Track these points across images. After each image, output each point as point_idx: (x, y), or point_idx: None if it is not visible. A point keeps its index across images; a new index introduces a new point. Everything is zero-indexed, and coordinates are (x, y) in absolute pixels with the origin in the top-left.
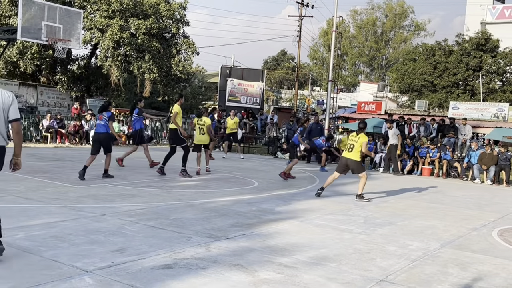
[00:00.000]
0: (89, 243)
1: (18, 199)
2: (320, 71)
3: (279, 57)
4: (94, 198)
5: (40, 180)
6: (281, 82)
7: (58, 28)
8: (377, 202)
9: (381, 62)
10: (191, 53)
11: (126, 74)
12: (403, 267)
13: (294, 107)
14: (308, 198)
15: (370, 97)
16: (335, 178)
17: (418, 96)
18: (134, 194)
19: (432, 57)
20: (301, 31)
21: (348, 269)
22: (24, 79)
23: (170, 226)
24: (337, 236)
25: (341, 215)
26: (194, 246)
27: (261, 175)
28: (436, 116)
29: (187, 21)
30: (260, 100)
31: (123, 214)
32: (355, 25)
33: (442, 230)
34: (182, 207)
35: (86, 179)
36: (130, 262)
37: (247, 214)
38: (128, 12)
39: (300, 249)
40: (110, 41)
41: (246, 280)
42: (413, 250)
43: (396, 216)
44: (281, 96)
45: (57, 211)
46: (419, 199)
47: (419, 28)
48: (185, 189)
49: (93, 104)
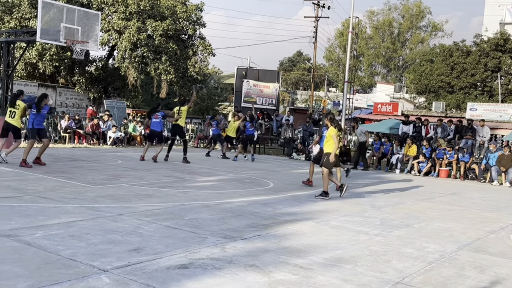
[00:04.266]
0: (106, 243)
1: (36, 198)
2: (336, 72)
3: (295, 58)
4: (111, 198)
5: (58, 180)
6: (296, 83)
7: (77, 30)
8: (394, 204)
9: (397, 63)
10: (207, 54)
11: (143, 75)
12: (419, 270)
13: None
14: (324, 200)
15: (386, 98)
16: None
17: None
18: (151, 194)
19: (450, 58)
20: (317, 32)
21: (363, 270)
22: (43, 80)
23: (186, 226)
24: (353, 237)
25: (357, 217)
26: (209, 246)
27: (276, 176)
28: (454, 118)
29: (204, 23)
30: (276, 101)
31: (139, 214)
32: (372, 26)
33: (460, 232)
34: (197, 207)
35: (103, 180)
36: (147, 262)
37: (262, 215)
38: (145, 14)
39: (316, 250)
40: (128, 43)
41: (261, 280)
42: (429, 252)
43: (412, 218)
44: (296, 97)
45: (75, 211)
46: (436, 201)
47: (436, 29)
48: (201, 190)
49: (110, 105)
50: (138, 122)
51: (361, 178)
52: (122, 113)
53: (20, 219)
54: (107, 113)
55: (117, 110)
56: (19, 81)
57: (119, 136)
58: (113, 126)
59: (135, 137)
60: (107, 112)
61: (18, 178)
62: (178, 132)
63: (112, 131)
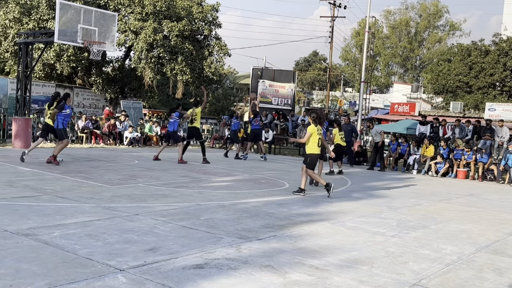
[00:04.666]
0: (122, 242)
1: (54, 198)
2: (352, 72)
3: (311, 58)
4: (127, 198)
5: (75, 179)
6: (312, 83)
7: (94, 31)
8: (410, 205)
9: (414, 62)
10: (223, 54)
11: (159, 75)
12: (436, 271)
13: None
14: (340, 200)
15: (403, 98)
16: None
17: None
18: (167, 194)
19: (468, 58)
20: (333, 32)
21: (380, 272)
22: (60, 80)
23: (201, 227)
24: (369, 239)
25: (374, 218)
26: (225, 246)
27: (292, 176)
28: (472, 118)
29: (219, 23)
30: (291, 101)
31: (155, 214)
32: (388, 25)
33: (478, 234)
34: (213, 207)
35: (119, 180)
36: (162, 262)
37: (278, 216)
38: (161, 14)
39: (332, 251)
40: (144, 43)
41: (276, 281)
42: (447, 254)
43: (429, 219)
44: (312, 97)
45: (92, 210)
46: (454, 202)
47: (454, 28)
48: (217, 190)
49: (126, 106)
50: (154, 122)
51: (377, 179)
52: (138, 114)
53: (38, 218)
54: (123, 113)
55: (134, 111)
56: (37, 81)
57: (135, 136)
58: (129, 126)
59: (151, 137)
60: (124, 113)
61: (36, 178)
62: (194, 134)
63: (128, 131)
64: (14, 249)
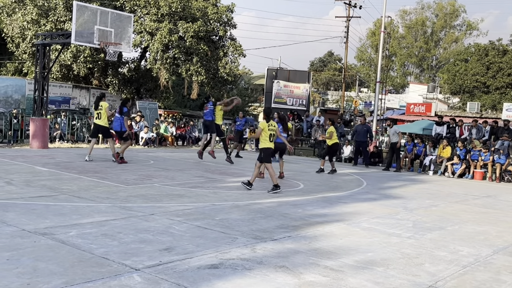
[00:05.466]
0: (138, 242)
1: (71, 198)
2: (367, 72)
3: (326, 59)
4: (143, 197)
5: (91, 179)
6: (327, 83)
7: (110, 32)
8: (426, 206)
9: (431, 62)
10: (238, 55)
11: (174, 76)
12: (453, 273)
13: (340, 108)
14: (355, 201)
15: (419, 99)
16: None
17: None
18: (182, 194)
19: (485, 57)
20: (348, 32)
21: (395, 273)
22: (77, 81)
23: (216, 227)
24: (385, 240)
25: (389, 219)
26: (239, 246)
27: (306, 177)
28: (489, 118)
29: (234, 24)
30: (306, 102)
31: (171, 214)
32: (404, 25)
33: (495, 236)
34: (228, 207)
35: (135, 180)
36: (178, 261)
37: (292, 216)
38: (176, 15)
39: (347, 253)
40: (159, 44)
41: (291, 282)
42: (464, 256)
43: (446, 220)
44: (327, 98)
45: (108, 210)
46: (471, 203)
47: (471, 28)
48: (231, 190)
49: (142, 106)
50: (169, 123)
51: (393, 180)
52: (154, 114)
53: (55, 217)
54: (139, 114)
55: (149, 111)
56: (54, 82)
57: (151, 136)
58: (145, 126)
59: (166, 137)
60: (139, 113)
61: (53, 177)
62: (213, 129)
63: (144, 132)
64: (32, 248)
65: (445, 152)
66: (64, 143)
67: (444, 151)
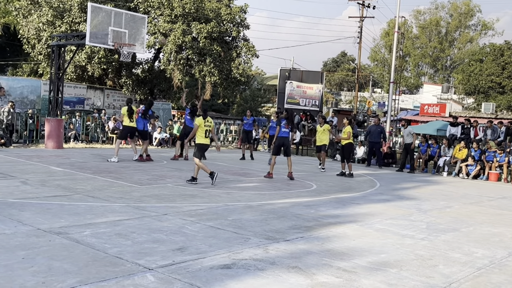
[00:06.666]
0: (151, 242)
1: (85, 197)
2: (381, 72)
3: (339, 59)
4: (156, 197)
5: (105, 179)
6: (340, 84)
7: (124, 33)
8: (440, 207)
9: (445, 63)
10: (251, 56)
11: (187, 77)
12: (467, 275)
13: (354, 109)
14: (368, 202)
15: (433, 99)
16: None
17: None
18: (195, 195)
19: (501, 58)
20: (361, 32)
21: (409, 275)
22: (91, 82)
23: (229, 227)
24: (398, 241)
25: (403, 220)
26: (252, 247)
27: (319, 178)
28: (504, 119)
29: (247, 25)
30: (319, 102)
31: (184, 214)
32: (418, 25)
33: (510, 238)
34: (241, 208)
35: (149, 180)
36: (190, 261)
37: (305, 217)
38: (190, 16)
39: (360, 254)
40: (173, 45)
41: (304, 283)
42: (478, 257)
43: (460, 222)
44: (340, 98)
45: (122, 210)
46: (485, 205)
47: (486, 28)
48: (244, 191)
49: (156, 107)
50: (182, 123)
51: (407, 181)
52: (167, 115)
53: (70, 217)
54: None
55: (163, 112)
56: (69, 83)
57: (164, 137)
58: (158, 127)
59: None
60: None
61: (68, 177)
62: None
63: (157, 132)
64: (47, 247)
65: (461, 154)
66: (78, 143)
67: (460, 152)
